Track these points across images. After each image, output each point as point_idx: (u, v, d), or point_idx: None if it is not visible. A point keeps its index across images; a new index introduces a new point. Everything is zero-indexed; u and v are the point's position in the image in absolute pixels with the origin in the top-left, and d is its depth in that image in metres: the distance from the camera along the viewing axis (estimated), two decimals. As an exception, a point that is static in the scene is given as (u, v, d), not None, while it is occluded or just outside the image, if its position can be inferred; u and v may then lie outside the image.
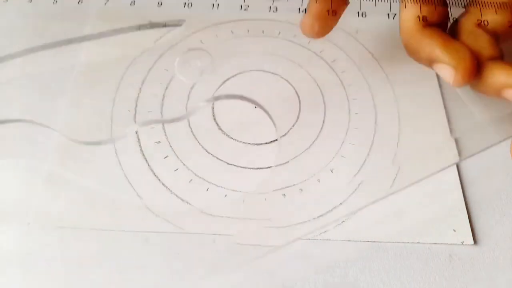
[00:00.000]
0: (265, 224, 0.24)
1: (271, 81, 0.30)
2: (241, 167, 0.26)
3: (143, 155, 0.26)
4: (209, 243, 0.24)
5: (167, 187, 0.25)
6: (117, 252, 0.23)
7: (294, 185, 0.26)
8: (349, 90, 0.30)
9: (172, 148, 0.27)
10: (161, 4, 0.25)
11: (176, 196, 0.25)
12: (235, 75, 0.30)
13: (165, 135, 0.27)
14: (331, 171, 0.26)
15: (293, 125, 0.28)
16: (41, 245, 0.23)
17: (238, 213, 0.25)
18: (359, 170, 0.26)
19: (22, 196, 0.25)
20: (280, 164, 0.26)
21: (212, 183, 0.25)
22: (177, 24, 0.25)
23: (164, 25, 0.27)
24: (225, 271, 0.23)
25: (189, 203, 0.25)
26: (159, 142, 0.27)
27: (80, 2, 0.24)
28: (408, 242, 0.24)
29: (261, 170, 0.26)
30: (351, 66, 0.31)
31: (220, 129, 0.28)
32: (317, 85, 0.30)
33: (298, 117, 0.28)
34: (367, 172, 0.26)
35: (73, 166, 0.26)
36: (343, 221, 0.24)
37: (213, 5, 0.30)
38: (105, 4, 0.27)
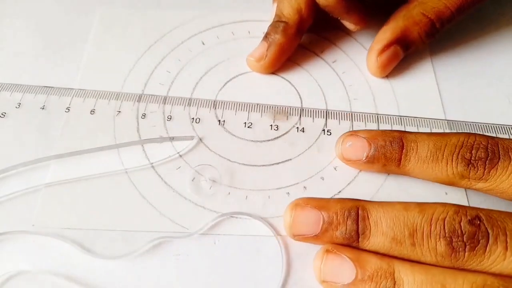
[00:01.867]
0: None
1: (272, 82, 0.30)
2: (244, 164, 0.26)
3: (146, 154, 0.26)
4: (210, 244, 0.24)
5: (170, 186, 0.25)
6: (120, 252, 0.23)
7: (297, 183, 0.25)
8: (350, 91, 0.30)
9: (174, 147, 0.27)
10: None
11: (179, 194, 0.25)
12: (236, 76, 0.30)
13: (167, 133, 0.27)
14: (335, 168, 0.26)
15: (295, 124, 0.28)
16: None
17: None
18: (362, 167, 0.26)
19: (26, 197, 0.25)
20: (283, 162, 0.26)
21: (215, 181, 0.25)
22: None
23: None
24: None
25: (193, 202, 0.25)
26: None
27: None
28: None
29: (264, 167, 0.26)
30: (352, 66, 0.31)
31: (224, 127, 0.28)
32: (318, 85, 0.30)
33: (300, 117, 0.28)
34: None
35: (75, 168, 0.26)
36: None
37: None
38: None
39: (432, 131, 0.27)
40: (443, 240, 0.20)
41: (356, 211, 0.22)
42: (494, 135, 0.27)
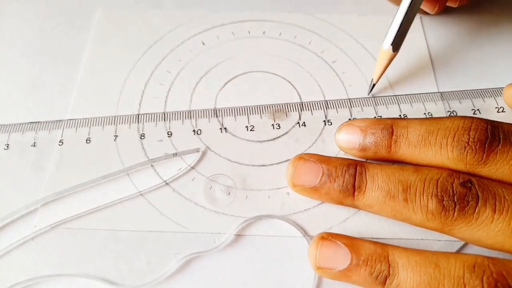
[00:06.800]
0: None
1: (272, 82, 0.30)
2: (244, 164, 0.26)
3: (146, 153, 0.26)
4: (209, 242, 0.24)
5: (170, 186, 0.25)
6: (120, 252, 0.23)
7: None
8: (350, 91, 0.30)
9: (174, 146, 0.27)
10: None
11: (180, 194, 0.25)
12: (237, 76, 0.30)
13: (167, 133, 0.27)
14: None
15: (295, 125, 0.28)
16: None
17: (241, 211, 0.25)
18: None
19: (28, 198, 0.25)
20: (283, 162, 0.26)
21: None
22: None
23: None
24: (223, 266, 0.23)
25: (193, 202, 0.25)
26: (161, 140, 0.27)
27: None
28: (411, 239, 0.24)
29: (264, 167, 0.26)
30: (352, 67, 0.31)
31: (227, 134, 0.28)
32: (318, 85, 0.30)
33: (300, 117, 0.28)
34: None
35: (75, 166, 0.26)
36: (347, 218, 0.24)
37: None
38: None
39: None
40: (435, 198, 0.21)
41: (355, 166, 0.23)
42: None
